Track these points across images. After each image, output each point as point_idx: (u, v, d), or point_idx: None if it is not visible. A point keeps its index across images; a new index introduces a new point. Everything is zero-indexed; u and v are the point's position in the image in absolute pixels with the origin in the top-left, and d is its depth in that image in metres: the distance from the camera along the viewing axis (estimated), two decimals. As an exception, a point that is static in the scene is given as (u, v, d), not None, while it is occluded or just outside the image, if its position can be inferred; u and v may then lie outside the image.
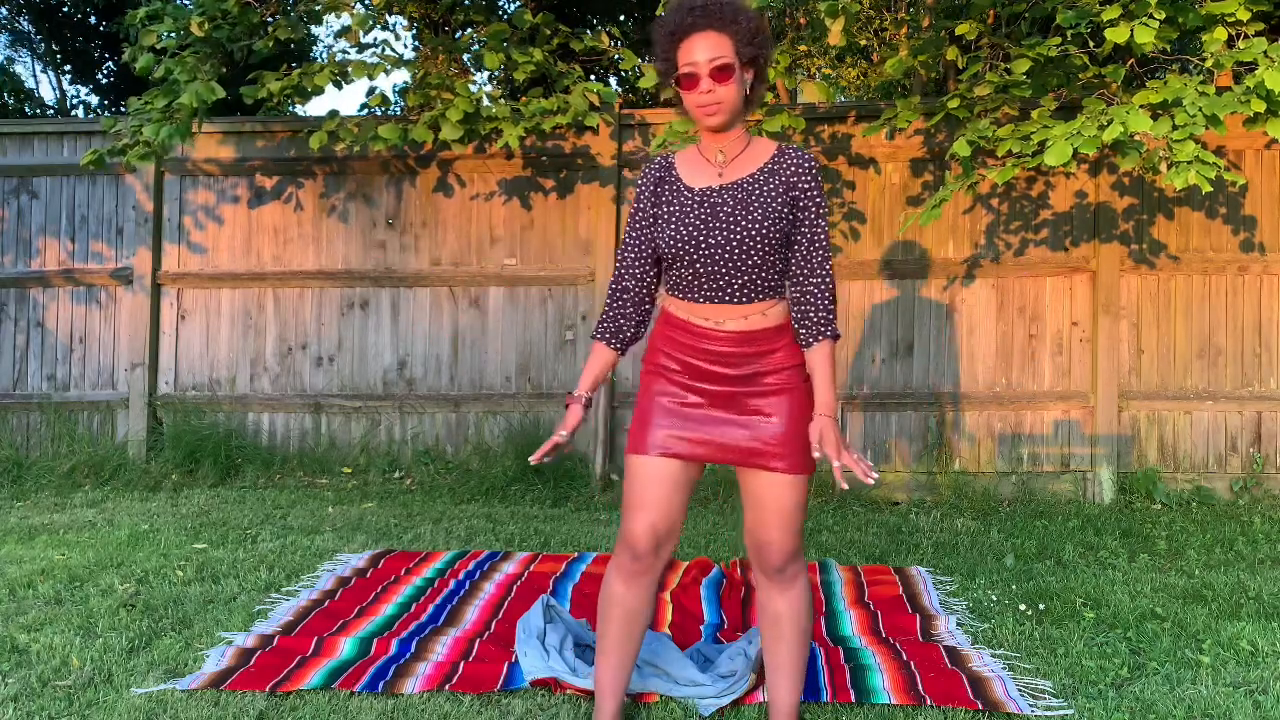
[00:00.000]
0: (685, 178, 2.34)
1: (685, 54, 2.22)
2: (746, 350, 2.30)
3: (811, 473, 2.33)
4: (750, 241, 2.24)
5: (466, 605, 3.58)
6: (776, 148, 2.34)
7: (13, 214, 6.73)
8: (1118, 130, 4.21)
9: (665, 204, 2.33)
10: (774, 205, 2.27)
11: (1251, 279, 5.97)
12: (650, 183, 2.38)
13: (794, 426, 2.29)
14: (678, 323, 2.35)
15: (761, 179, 2.30)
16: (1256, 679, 2.88)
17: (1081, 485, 5.95)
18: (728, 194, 2.29)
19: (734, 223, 2.25)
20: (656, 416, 2.32)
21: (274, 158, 6.53)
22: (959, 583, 3.93)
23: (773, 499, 2.30)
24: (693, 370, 2.32)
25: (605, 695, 2.42)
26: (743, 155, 2.33)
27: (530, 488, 5.96)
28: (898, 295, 6.16)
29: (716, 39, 2.20)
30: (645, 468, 2.31)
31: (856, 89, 11.97)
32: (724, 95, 2.21)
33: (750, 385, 2.31)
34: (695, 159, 2.37)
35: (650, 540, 2.30)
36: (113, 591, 3.70)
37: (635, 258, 2.39)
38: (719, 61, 2.20)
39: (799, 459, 2.29)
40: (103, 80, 13.62)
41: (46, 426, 6.59)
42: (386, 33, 12.29)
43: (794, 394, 2.31)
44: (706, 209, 2.28)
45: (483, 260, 6.45)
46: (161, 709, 2.62)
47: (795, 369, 2.33)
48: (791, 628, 2.38)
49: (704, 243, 2.25)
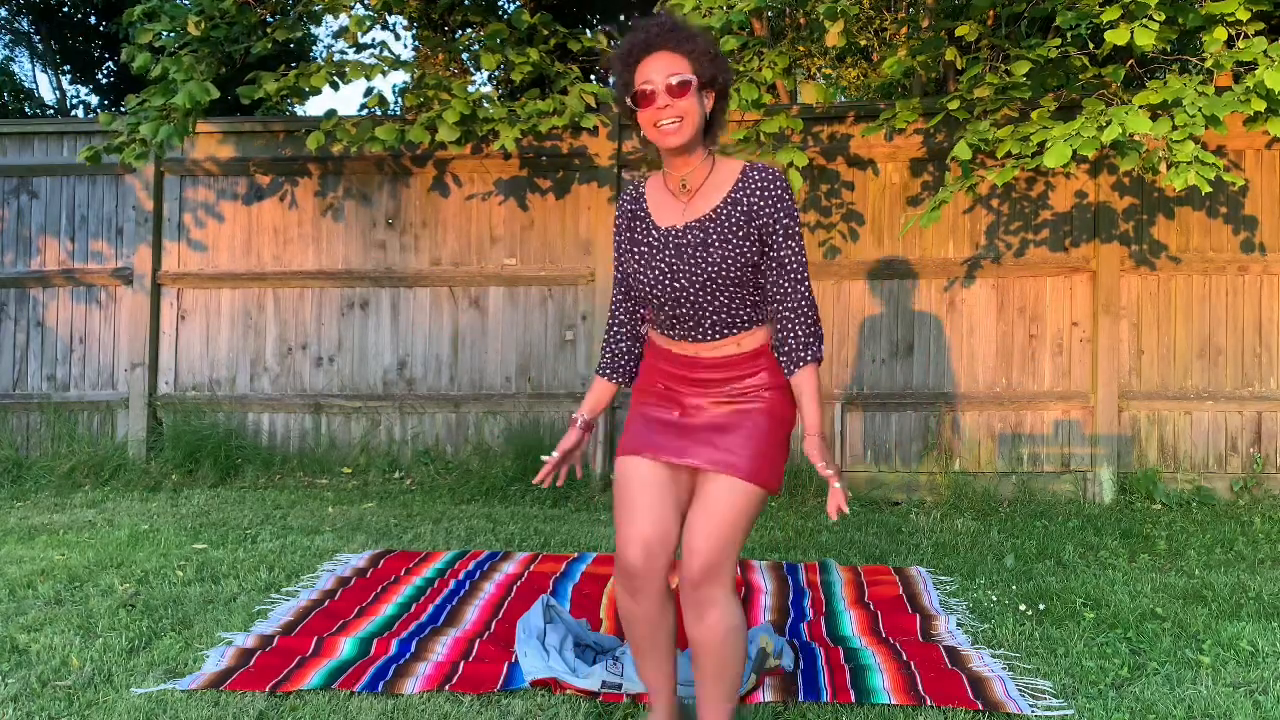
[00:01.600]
0: (654, 213, 2.31)
1: (641, 74, 2.19)
2: (724, 375, 2.31)
3: (765, 489, 2.23)
4: (714, 283, 2.22)
5: (466, 605, 3.58)
6: (740, 170, 2.26)
7: (13, 214, 6.73)
8: (1116, 131, 4.21)
9: (637, 245, 2.32)
10: (735, 240, 2.21)
11: (1252, 279, 5.97)
12: (625, 218, 2.38)
13: (757, 434, 2.25)
14: (659, 351, 2.39)
15: (724, 212, 2.23)
16: (1256, 679, 2.88)
17: (1082, 485, 5.95)
18: (691, 233, 2.24)
19: (696, 265, 2.22)
20: (641, 424, 2.35)
21: (274, 157, 6.53)
22: (959, 583, 3.93)
23: (710, 498, 2.21)
24: (674, 389, 2.35)
25: (657, 693, 2.39)
26: (706, 184, 2.26)
27: (530, 488, 5.96)
28: (898, 295, 6.16)
29: (671, 58, 2.18)
30: (625, 468, 2.31)
31: (856, 89, 11.97)
32: (683, 109, 2.16)
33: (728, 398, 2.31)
34: (661, 190, 2.33)
35: (642, 556, 2.22)
36: (113, 591, 3.70)
37: (624, 291, 2.45)
38: (676, 77, 2.16)
39: (752, 467, 2.21)
40: (102, 80, 13.62)
41: (46, 426, 6.59)
42: (386, 33, 12.29)
43: (768, 407, 2.28)
44: (671, 251, 2.25)
45: (483, 260, 6.45)
46: (161, 709, 2.62)
47: (776, 390, 2.29)
48: (710, 660, 2.21)
49: (670, 287, 2.25)
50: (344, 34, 5.98)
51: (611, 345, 2.48)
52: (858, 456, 6.14)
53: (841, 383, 6.17)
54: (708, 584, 2.18)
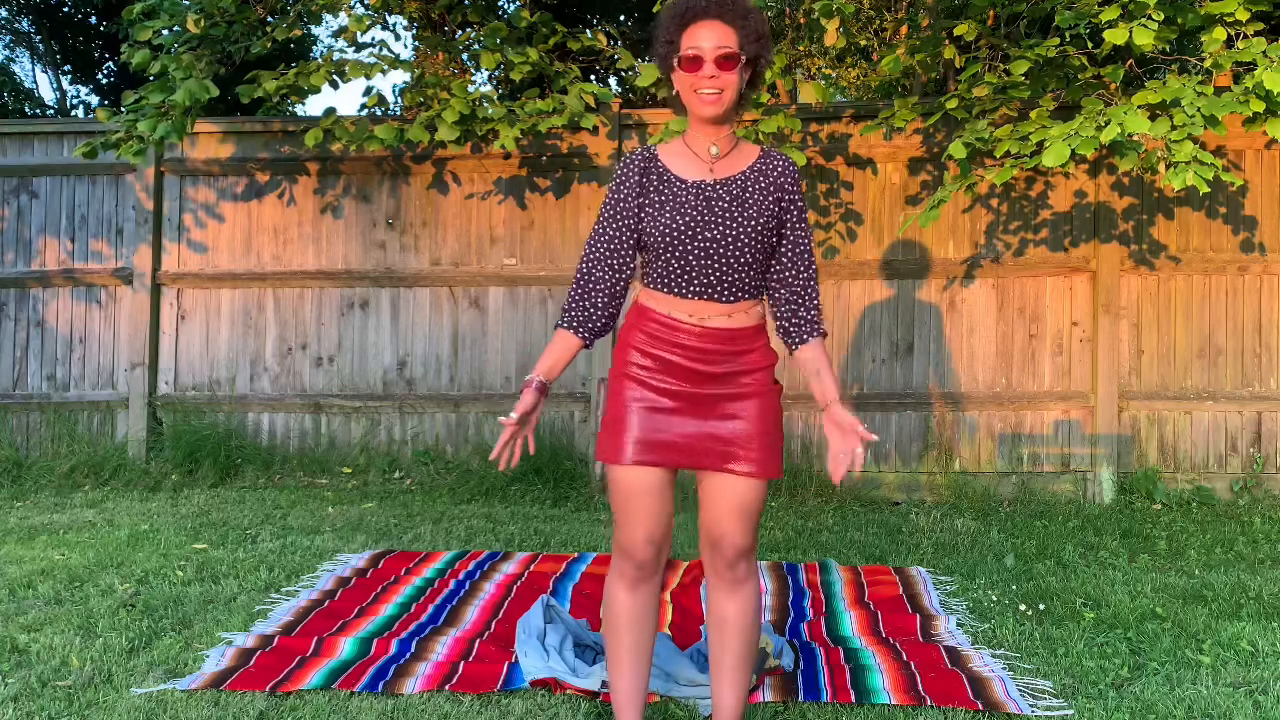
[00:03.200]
0: (675, 169, 2.30)
1: (691, 38, 2.21)
2: (726, 348, 2.28)
3: (778, 477, 2.32)
4: (745, 238, 2.24)
5: (466, 605, 3.59)
6: (761, 150, 2.35)
7: (13, 214, 6.73)
8: (1115, 131, 4.21)
9: (654, 194, 2.28)
10: (765, 205, 2.28)
11: (1251, 279, 5.98)
12: (634, 173, 2.31)
13: (763, 429, 2.27)
14: (657, 317, 2.29)
15: (752, 178, 2.29)
16: (1256, 679, 2.88)
17: (1082, 485, 5.95)
18: (722, 189, 2.27)
19: (730, 218, 2.24)
20: (630, 422, 2.26)
21: (274, 157, 6.53)
22: (959, 583, 3.93)
23: (733, 495, 2.26)
24: (669, 367, 2.27)
25: (626, 709, 2.36)
26: (733, 153, 2.32)
27: (530, 488, 5.96)
28: (897, 295, 6.16)
29: (724, 29, 2.20)
30: (627, 478, 2.25)
31: (856, 89, 11.97)
32: (726, 83, 2.20)
33: (725, 386, 2.28)
34: (683, 152, 2.32)
35: (650, 549, 2.29)
36: (113, 591, 3.70)
37: (611, 248, 2.31)
38: (725, 50, 2.19)
39: (765, 463, 2.26)
40: (103, 80, 13.62)
41: (46, 426, 6.59)
42: (386, 32, 12.29)
43: (765, 398, 2.30)
44: (702, 202, 2.26)
45: (483, 260, 6.45)
46: (161, 709, 2.62)
47: (767, 370, 2.32)
48: (736, 632, 2.34)
49: (700, 235, 2.23)
50: (343, 33, 5.98)
51: (586, 299, 2.32)
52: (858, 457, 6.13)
53: (841, 382, 6.17)
54: (743, 561, 2.31)
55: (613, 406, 2.31)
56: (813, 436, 6.15)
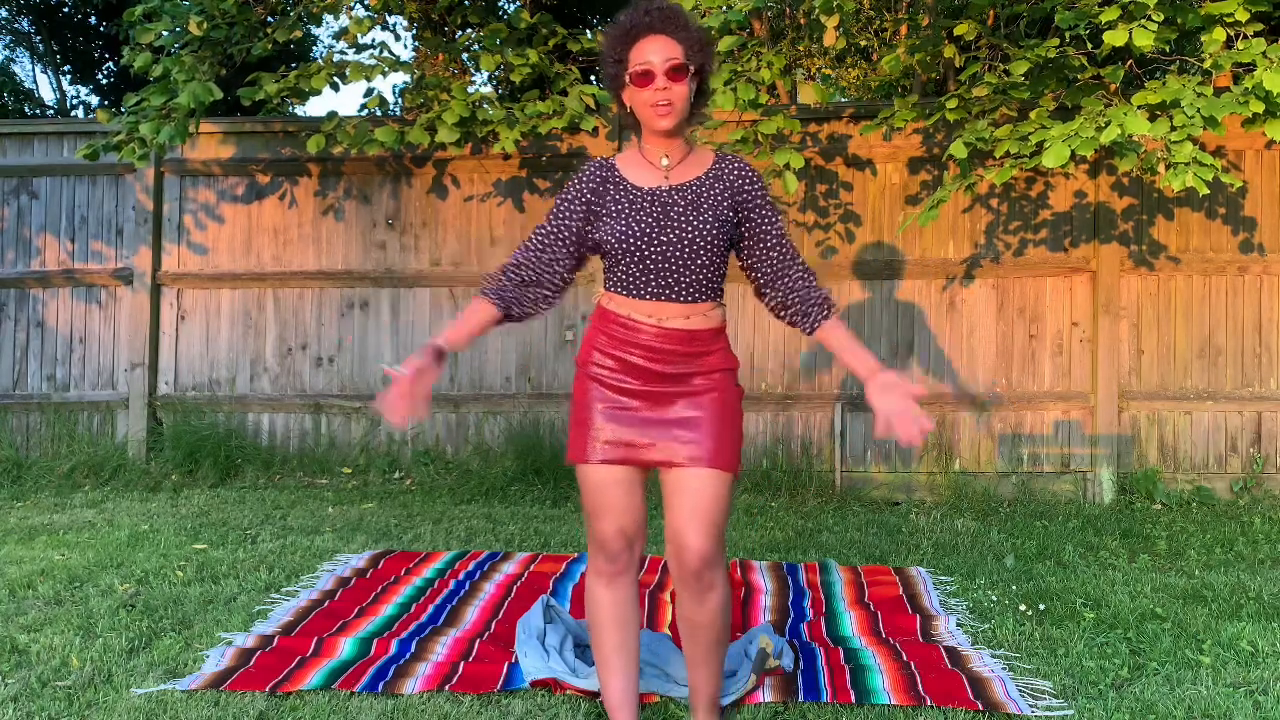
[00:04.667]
0: (631, 178, 2.36)
1: (640, 53, 2.26)
2: (685, 349, 2.32)
3: (735, 474, 2.32)
4: (701, 240, 2.29)
5: (466, 606, 3.59)
6: (715, 156, 2.40)
7: (13, 214, 6.73)
8: (1115, 132, 4.21)
9: (611, 202, 2.34)
10: (721, 209, 2.33)
11: (1251, 279, 5.98)
12: (592, 180, 2.37)
13: (719, 423, 2.31)
14: (617, 319, 2.34)
15: (708, 183, 2.35)
16: (1256, 679, 2.88)
17: (1082, 485, 5.95)
18: (678, 194, 2.33)
19: (685, 222, 2.29)
20: (595, 422, 2.33)
21: (274, 158, 6.53)
22: (959, 583, 3.93)
23: (691, 493, 2.28)
24: (629, 367, 2.32)
25: (620, 710, 2.40)
26: (686, 161, 2.37)
27: (530, 488, 5.97)
28: (897, 296, 6.16)
29: (669, 43, 2.26)
30: (595, 475, 2.32)
31: (856, 90, 11.97)
32: (677, 95, 2.26)
33: (679, 385, 2.32)
34: (638, 161, 2.38)
35: (621, 541, 2.34)
36: (113, 592, 3.70)
37: (550, 253, 2.36)
38: (673, 61, 2.25)
39: (713, 452, 2.29)
40: (103, 81, 13.62)
41: (46, 426, 6.59)
42: (386, 33, 12.30)
43: (722, 394, 2.34)
44: (658, 207, 2.31)
45: (483, 261, 6.45)
46: (161, 709, 2.62)
47: (725, 372, 2.36)
48: (708, 636, 2.35)
49: (657, 239, 2.28)
50: (344, 34, 5.98)
51: (511, 278, 2.36)
52: (858, 457, 6.14)
53: (841, 383, 6.17)
54: (708, 570, 2.29)
55: (578, 408, 2.38)
56: (813, 436, 6.16)
